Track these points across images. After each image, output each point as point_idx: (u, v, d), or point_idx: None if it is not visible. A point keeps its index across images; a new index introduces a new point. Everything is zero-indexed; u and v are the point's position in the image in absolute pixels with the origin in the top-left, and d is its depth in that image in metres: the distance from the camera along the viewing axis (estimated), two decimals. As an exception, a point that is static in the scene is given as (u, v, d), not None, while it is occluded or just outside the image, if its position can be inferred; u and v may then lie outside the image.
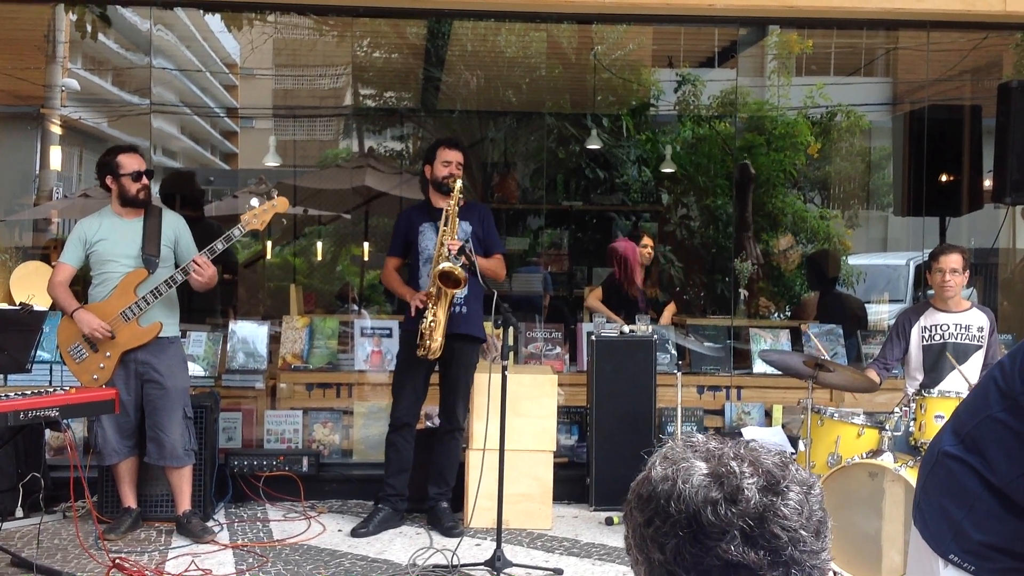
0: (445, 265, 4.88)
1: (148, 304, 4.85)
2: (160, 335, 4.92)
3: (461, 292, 5.08)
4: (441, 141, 5.39)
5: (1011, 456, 1.88)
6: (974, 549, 1.88)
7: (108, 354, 4.86)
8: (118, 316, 4.85)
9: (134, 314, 4.85)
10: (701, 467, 1.11)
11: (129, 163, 4.99)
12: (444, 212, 5.11)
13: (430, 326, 5.04)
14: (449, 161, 5.23)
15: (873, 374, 5.07)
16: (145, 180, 5.02)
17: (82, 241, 4.97)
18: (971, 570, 1.88)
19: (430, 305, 5.03)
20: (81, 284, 5.28)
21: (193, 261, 4.83)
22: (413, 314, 5.14)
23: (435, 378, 5.38)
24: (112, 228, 4.99)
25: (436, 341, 5.05)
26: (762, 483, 1.09)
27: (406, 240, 5.35)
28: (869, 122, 10.29)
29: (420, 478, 5.34)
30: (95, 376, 4.85)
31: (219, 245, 4.83)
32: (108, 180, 5.02)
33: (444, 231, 5.06)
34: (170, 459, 4.98)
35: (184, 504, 5.03)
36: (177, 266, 4.96)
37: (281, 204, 4.95)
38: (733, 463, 1.11)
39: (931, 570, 1.96)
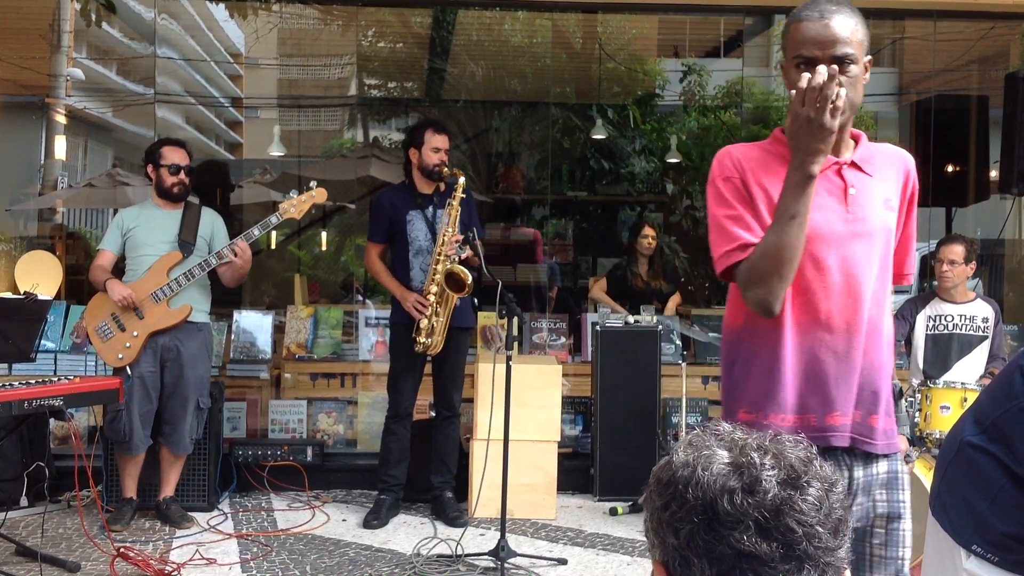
0: (456, 268, 4.87)
1: (180, 286, 4.88)
2: (190, 319, 4.95)
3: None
4: (429, 123, 5.27)
5: None
6: (998, 540, 1.85)
7: (135, 333, 4.88)
8: (148, 297, 4.88)
9: (165, 295, 4.88)
10: (723, 456, 1.12)
11: (170, 155, 5.07)
12: (447, 211, 5.06)
13: (431, 327, 5.03)
14: (439, 148, 5.14)
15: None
16: (183, 175, 5.06)
17: (120, 228, 5.05)
18: (995, 561, 1.86)
19: (429, 309, 5.00)
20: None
21: (235, 244, 4.86)
22: (416, 318, 5.07)
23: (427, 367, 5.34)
24: (150, 217, 5.07)
25: (436, 338, 5.05)
26: (782, 476, 1.09)
27: (389, 226, 5.24)
28: (873, 120, 10.22)
29: (422, 468, 5.34)
30: (120, 355, 4.88)
31: (255, 231, 4.89)
32: (149, 169, 5.10)
33: (446, 231, 5.01)
34: (178, 446, 5.02)
35: (168, 490, 5.08)
36: None
37: (320, 195, 5.02)
38: (755, 454, 1.11)
39: (952, 561, 1.93)
